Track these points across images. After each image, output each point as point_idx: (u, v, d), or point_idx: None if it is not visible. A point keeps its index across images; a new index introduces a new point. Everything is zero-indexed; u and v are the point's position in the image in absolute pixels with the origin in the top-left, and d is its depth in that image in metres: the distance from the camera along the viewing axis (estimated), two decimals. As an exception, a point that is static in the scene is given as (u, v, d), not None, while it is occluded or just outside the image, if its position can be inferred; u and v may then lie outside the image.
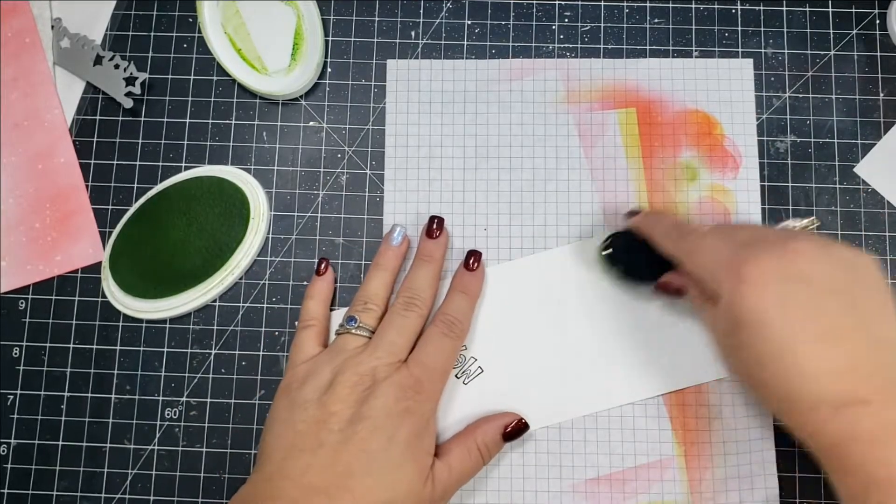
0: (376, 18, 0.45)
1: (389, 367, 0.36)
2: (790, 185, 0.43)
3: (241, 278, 0.42)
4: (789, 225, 0.41)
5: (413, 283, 0.39)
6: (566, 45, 0.44)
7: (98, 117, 0.45)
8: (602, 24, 0.45)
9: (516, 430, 0.38)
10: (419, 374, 0.36)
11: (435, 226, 0.41)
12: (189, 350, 0.42)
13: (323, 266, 0.42)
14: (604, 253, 0.40)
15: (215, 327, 0.42)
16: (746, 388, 0.35)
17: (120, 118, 0.45)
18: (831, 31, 0.44)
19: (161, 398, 0.42)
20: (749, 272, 0.31)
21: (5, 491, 0.41)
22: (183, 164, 0.44)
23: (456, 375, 0.40)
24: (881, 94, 0.43)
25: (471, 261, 0.40)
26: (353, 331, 0.38)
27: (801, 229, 0.41)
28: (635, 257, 0.39)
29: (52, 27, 0.46)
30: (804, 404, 0.30)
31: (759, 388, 0.32)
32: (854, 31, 0.44)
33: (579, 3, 0.45)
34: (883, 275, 0.32)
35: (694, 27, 0.44)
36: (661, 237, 0.37)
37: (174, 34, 0.45)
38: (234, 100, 0.45)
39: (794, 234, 0.33)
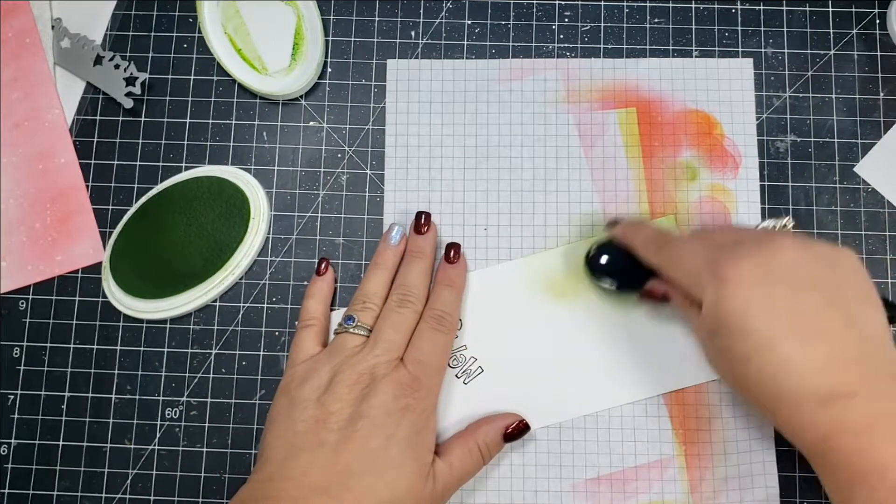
0: (376, 18, 0.45)
1: (388, 365, 0.36)
2: (790, 184, 0.43)
3: (241, 278, 0.42)
4: (765, 225, 0.41)
5: (406, 280, 0.39)
6: (566, 45, 0.44)
7: (98, 117, 0.45)
8: (602, 24, 0.45)
9: (517, 431, 0.38)
10: (416, 372, 0.36)
11: (422, 221, 0.41)
12: (189, 350, 0.42)
13: (323, 266, 0.42)
14: (589, 263, 0.40)
15: (216, 327, 0.42)
16: (733, 389, 0.35)
17: (120, 118, 0.45)
18: (831, 30, 0.44)
19: (161, 398, 0.42)
20: (729, 273, 0.31)
21: (6, 491, 0.41)
22: (183, 164, 0.44)
23: (456, 375, 0.40)
24: (881, 94, 0.43)
25: (451, 253, 0.41)
26: (351, 330, 0.38)
27: (778, 229, 0.41)
28: (619, 266, 0.39)
29: (52, 27, 0.46)
30: (791, 401, 0.30)
31: (746, 388, 0.31)
32: (854, 31, 0.44)
33: (579, 3, 0.45)
34: (863, 267, 0.32)
35: (694, 27, 0.44)
36: (641, 247, 0.37)
37: (174, 34, 0.45)
38: (234, 100, 0.45)
39: (772, 234, 0.33)
